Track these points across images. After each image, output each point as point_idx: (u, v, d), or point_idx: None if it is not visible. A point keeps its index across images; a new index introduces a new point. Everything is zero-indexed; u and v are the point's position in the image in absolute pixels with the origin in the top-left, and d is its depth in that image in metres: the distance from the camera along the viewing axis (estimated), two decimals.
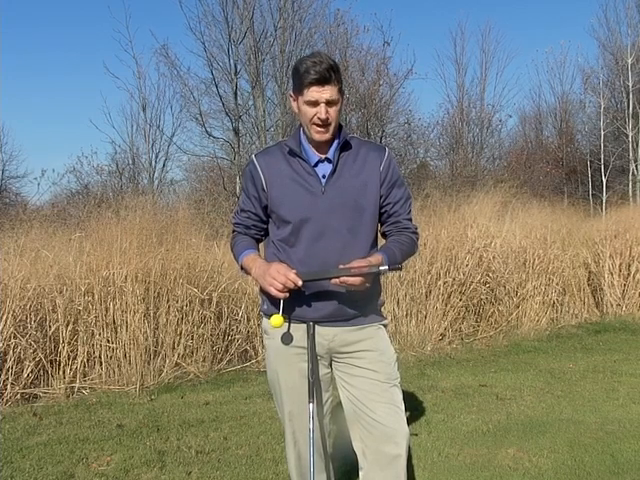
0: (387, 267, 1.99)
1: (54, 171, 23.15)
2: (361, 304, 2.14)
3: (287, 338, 2.12)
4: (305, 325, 2.12)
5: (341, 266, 1.99)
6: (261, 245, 2.29)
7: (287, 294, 2.00)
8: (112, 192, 15.27)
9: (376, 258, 2.04)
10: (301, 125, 2.16)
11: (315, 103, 2.04)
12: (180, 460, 3.48)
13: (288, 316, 2.10)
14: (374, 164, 2.15)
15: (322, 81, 2.02)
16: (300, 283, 1.99)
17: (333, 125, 2.08)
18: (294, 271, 2.00)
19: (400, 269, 2.07)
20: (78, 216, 6.87)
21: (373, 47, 15.68)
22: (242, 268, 2.20)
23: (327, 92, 2.03)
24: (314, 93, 2.03)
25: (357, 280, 1.97)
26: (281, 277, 1.98)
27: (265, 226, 2.23)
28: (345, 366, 2.18)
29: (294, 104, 2.14)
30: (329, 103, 2.05)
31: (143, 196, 7.81)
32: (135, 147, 18.32)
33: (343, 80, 2.16)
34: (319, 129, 2.07)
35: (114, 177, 17.78)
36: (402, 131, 17.16)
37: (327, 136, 2.09)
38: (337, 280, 1.97)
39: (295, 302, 2.09)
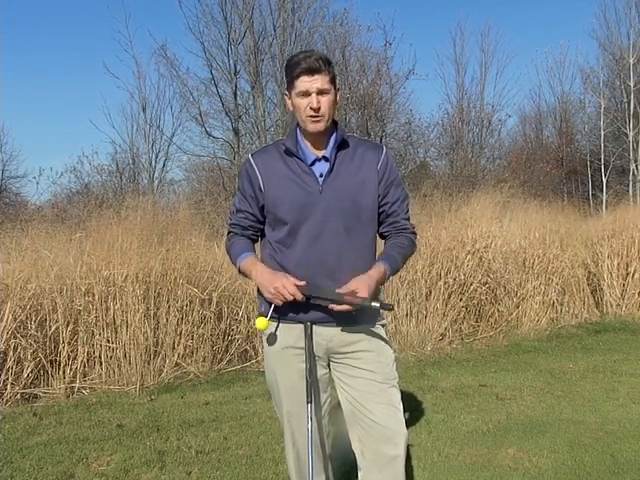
0: (378, 305, 2.00)
1: (52, 170, 23.00)
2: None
3: (272, 339, 2.16)
4: (303, 325, 2.11)
5: (338, 290, 2.00)
6: (257, 245, 2.28)
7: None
8: (112, 192, 15.28)
9: (377, 270, 2.05)
10: (298, 124, 2.14)
11: (306, 93, 2.04)
12: (180, 460, 3.48)
13: (285, 317, 2.11)
14: (372, 163, 2.14)
15: (312, 70, 2.02)
16: (300, 297, 2.02)
17: (327, 116, 2.07)
18: (297, 283, 2.01)
19: (391, 309, 2.07)
20: (78, 216, 6.87)
21: (374, 46, 15.70)
22: (240, 271, 2.20)
23: (317, 81, 2.03)
24: (305, 83, 2.03)
25: (344, 308, 2.01)
26: (287, 294, 2.00)
27: (261, 226, 2.22)
28: (343, 366, 2.17)
29: (289, 102, 2.13)
30: (321, 93, 2.04)
31: (143, 196, 7.81)
32: (135, 147, 18.35)
33: (339, 76, 2.16)
34: (313, 119, 2.06)
35: (114, 177, 17.79)
36: (402, 131, 17.16)
37: (321, 125, 2.07)
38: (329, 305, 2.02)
39: (293, 302, 2.09)
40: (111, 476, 3.29)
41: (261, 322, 2.09)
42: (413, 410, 4.20)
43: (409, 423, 3.95)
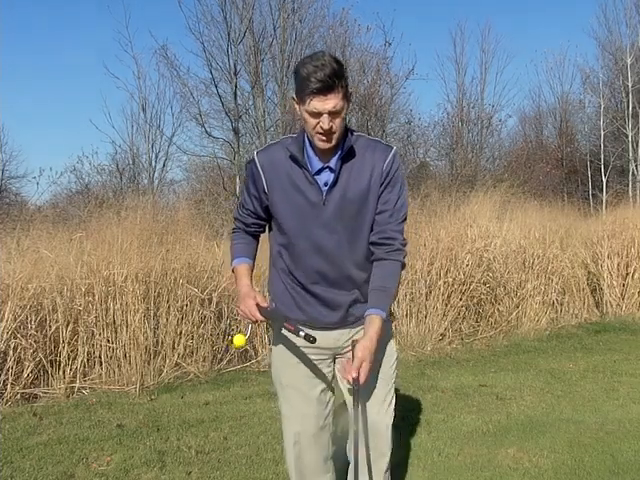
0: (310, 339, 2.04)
1: (51, 169, 22.97)
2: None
3: (280, 339, 2.19)
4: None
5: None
6: (265, 236, 2.30)
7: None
8: (112, 192, 15.27)
9: (374, 326, 1.97)
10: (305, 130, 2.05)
11: (318, 114, 1.91)
12: (180, 460, 3.48)
13: (294, 318, 2.11)
14: (378, 165, 2.04)
15: (325, 90, 1.87)
16: (260, 318, 2.05)
17: (337, 134, 1.96)
18: (260, 304, 2.05)
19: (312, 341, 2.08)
20: (79, 216, 6.86)
21: (374, 46, 15.70)
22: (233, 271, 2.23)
23: (330, 102, 1.88)
24: (316, 104, 1.89)
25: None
26: (249, 315, 2.05)
27: (264, 223, 2.22)
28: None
29: (297, 107, 1.98)
30: (333, 113, 1.91)
31: (143, 196, 7.81)
32: (135, 147, 18.35)
33: (349, 81, 2.05)
34: (322, 137, 1.95)
35: (114, 177, 17.80)
36: (402, 131, 17.17)
37: (331, 144, 1.98)
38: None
39: (305, 309, 2.12)
40: (111, 476, 3.29)
41: (239, 339, 2.17)
42: (413, 410, 4.20)
43: (409, 423, 3.96)
